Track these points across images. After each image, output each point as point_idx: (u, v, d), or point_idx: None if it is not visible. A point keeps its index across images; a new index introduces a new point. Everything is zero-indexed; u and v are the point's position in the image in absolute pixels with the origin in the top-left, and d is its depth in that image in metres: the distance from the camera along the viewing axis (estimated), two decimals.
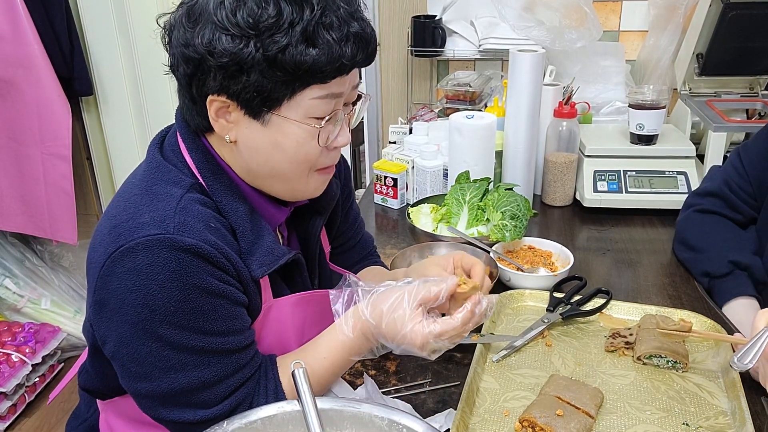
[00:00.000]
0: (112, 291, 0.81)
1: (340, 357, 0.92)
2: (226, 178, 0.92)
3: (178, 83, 0.89)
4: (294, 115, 0.85)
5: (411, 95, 2.50)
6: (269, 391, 0.90)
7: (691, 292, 1.33)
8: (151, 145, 0.95)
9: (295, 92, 0.84)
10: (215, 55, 0.80)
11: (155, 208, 0.83)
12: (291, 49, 0.80)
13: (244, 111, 0.85)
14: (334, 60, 0.82)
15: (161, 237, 0.80)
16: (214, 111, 0.86)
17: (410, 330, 0.85)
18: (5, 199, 2.51)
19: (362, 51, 0.85)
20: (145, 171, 0.91)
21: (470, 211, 1.49)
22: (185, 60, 0.84)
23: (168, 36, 0.88)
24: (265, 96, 0.83)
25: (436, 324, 0.86)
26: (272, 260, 0.91)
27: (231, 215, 0.90)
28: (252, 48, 0.80)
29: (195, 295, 0.82)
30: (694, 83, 1.95)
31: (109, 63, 2.57)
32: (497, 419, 0.97)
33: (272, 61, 0.80)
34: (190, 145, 0.92)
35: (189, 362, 0.83)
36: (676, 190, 1.66)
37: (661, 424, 0.96)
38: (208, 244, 0.82)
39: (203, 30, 0.81)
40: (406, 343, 0.86)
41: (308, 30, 0.80)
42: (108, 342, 0.85)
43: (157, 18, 0.89)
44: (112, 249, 0.81)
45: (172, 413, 0.85)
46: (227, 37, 0.80)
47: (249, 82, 0.82)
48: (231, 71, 0.81)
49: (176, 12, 0.86)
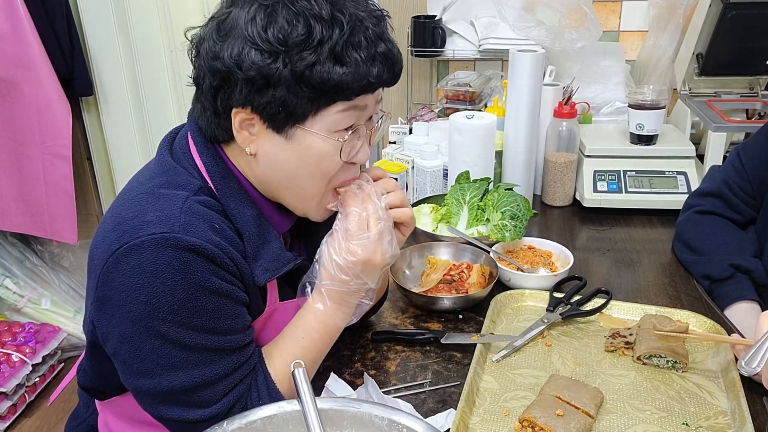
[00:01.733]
0: (115, 288, 0.81)
1: (316, 332, 0.94)
2: (235, 183, 0.93)
3: (202, 95, 0.90)
4: (317, 128, 0.87)
5: (411, 95, 2.50)
6: (260, 385, 0.91)
7: (691, 292, 1.33)
8: (162, 143, 0.96)
9: (320, 108, 0.85)
10: (243, 68, 0.82)
11: (161, 208, 0.84)
12: (318, 67, 0.81)
13: (267, 125, 0.87)
14: (361, 78, 0.84)
15: (166, 236, 0.80)
16: (238, 123, 0.87)
17: (346, 253, 0.91)
18: (5, 199, 2.51)
19: (389, 71, 0.87)
20: (154, 171, 0.92)
21: (470, 211, 1.49)
22: (212, 72, 0.85)
23: (196, 49, 0.89)
24: (289, 111, 0.85)
25: (346, 231, 0.91)
26: (277, 266, 0.92)
27: (238, 219, 0.91)
28: (280, 63, 0.81)
29: (198, 294, 0.82)
30: (694, 83, 1.95)
31: (109, 63, 2.57)
32: (497, 419, 0.97)
33: (299, 77, 0.82)
34: (201, 149, 0.92)
35: (191, 360, 0.84)
36: (675, 190, 1.66)
37: (661, 424, 0.96)
38: (212, 243, 0.83)
39: (233, 44, 0.82)
40: (356, 264, 0.90)
41: (336, 49, 0.82)
42: (110, 339, 0.85)
43: (185, 31, 0.91)
44: (117, 246, 0.81)
45: (172, 411, 0.86)
46: (256, 52, 0.81)
47: (275, 96, 0.83)
48: (258, 85, 0.83)
49: (206, 26, 0.88)
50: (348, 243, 0.91)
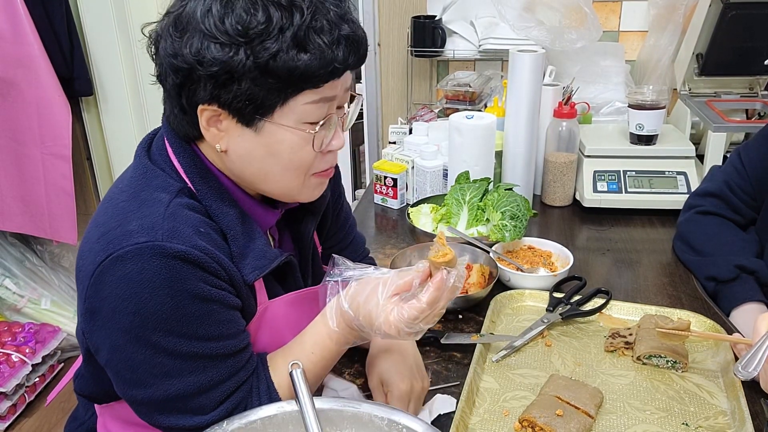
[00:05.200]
0: (103, 299, 0.80)
1: (327, 349, 0.92)
2: (215, 182, 0.91)
3: (166, 93, 0.88)
4: (287, 121, 0.84)
5: (411, 95, 2.50)
6: (262, 392, 0.89)
7: (691, 292, 1.33)
8: (139, 148, 0.94)
9: (287, 98, 0.83)
10: (205, 65, 0.79)
11: (143, 215, 0.82)
12: (282, 55, 0.79)
13: (236, 119, 0.84)
14: (327, 64, 0.81)
15: (150, 244, 0.79)
16: (205, 120, 0.85)
17: (383, 321, 0.85)
18: (5, 199, 2.51)
19: (354, 53, 0.84)
20: (133, 176, 0.90)
21: (470, 211, 1.49)
22: (174, 70, 0.82)
23: (155, 46, 0.86)
24: (257, 104, 0.82)
25: (403, 311, 0.84)
26: (264, 263, 0.91)
27: (221, 219, 0.89)
28: (242, 55, 0.78)
29: (187, 302, 0.81)
30: (694, 83, 1.95)
31: (109, 63, 2.57)
32: (497, 419, 0.97)
33: (264, 68, 0.79)
34: (177, 150, 0.90)
35: (184, 368, 0.83)
36: (675, 190, 1.66)
37: (661, 424, 0.96)
38: (198, 249, 0.81)
39: (191, 39, 0.80)
40: (383, 333, 0.86)
41: (299, 35, 0.79)
42: (101, 350, 0.84)
43: (142, 28, 0.87)
44: (102, 257, 0.80)
45: (169, 419, 0.85)
46: (216, 46, 0.78)
47: (240, 90, 0.81)
48: (222, 80, 0.80)
49: (162, 21, 0.84)
50: (393, 317, 0.84)
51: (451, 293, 0.86)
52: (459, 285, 0.87)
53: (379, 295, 0.86)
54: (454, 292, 0.87)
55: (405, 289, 0.87)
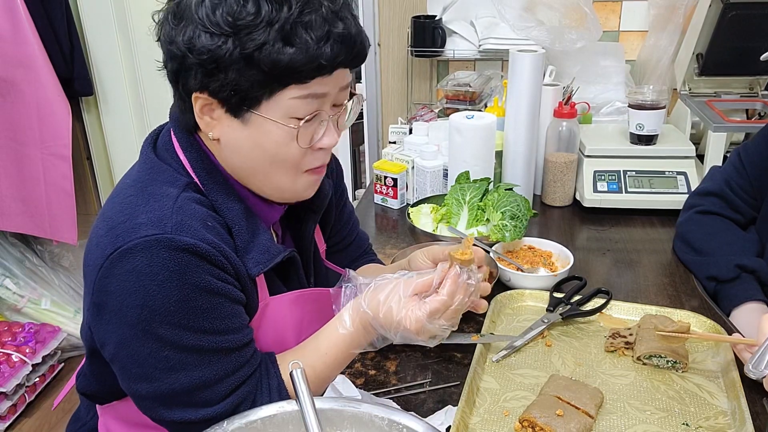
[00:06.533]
0: (111, 293, 0.81)
1: (341, 351, 0.92)
2: (220, 177, 0.92)
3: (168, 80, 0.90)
4: (273, 114, 0.85)
5: (411, 95, 2.50)
6: (272, 389, 0.90)
7: (691, 292, 1.33)
8: (145, 144, 0.95)
9: (273, 92, 0.83)
10: (195, 53, 0.81)
11: (152, 208, 0.83)
12: (268, 47, 0.79)
13: (225, 109, 0.85)
14: (312, 59, 0.81)
15: (159, 237, 0.80)
16: (199, 108, 0.86)
17: (404, 316, 0.86)
18: (5, 199, 2.51)
19: (345, 52, 0.83)
20: (140, 171, 0.91)
21: (470, 211, 1.49)
22: (171, 57, 0.85)
23: (157, 33, 0.88)
24: (242, 95, 0.83)
25: (425, 304, 0.87)
26: (268, 258, 0.91)
27: (227, 213, 0.90)
28: (230, 45, 0.79)
29: (194, 295, 0.81)
30: (694, 83, 1.95)
31: (109, 63, 2.57)
32: (497, 419, 0.97)
33: (248, 59, 0.80)
34: (184, 144, 0.91)
35: (189, 362, 0.83)
36: (675, 190, 1.66)
37: (661, 424, 0.96)
38: (206, 242, 0.82)
39: (186, 28, 0.81)
40: (402, 330, 0.87)
41: (285, 28, 0.79)
42: (107, 344, 0.85)
43: (153, 14, 0.89)
44: (110, 250, 0.80)
45: (173, 413, 0.85)
46: (206, 35, 0.80)
47: (227, 80, 0.82)
48: (209, 69, 0.81)
49: (164, 8, 0.87)
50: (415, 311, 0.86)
51: (465, 290, 0.89)
52: (472, 282, 0.90)
53: (401, 292, 0.88)
54: (467, 290, 0.89)
55: (425, 289, 0.89)
